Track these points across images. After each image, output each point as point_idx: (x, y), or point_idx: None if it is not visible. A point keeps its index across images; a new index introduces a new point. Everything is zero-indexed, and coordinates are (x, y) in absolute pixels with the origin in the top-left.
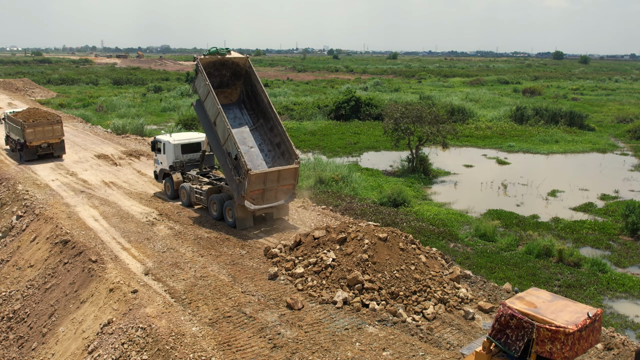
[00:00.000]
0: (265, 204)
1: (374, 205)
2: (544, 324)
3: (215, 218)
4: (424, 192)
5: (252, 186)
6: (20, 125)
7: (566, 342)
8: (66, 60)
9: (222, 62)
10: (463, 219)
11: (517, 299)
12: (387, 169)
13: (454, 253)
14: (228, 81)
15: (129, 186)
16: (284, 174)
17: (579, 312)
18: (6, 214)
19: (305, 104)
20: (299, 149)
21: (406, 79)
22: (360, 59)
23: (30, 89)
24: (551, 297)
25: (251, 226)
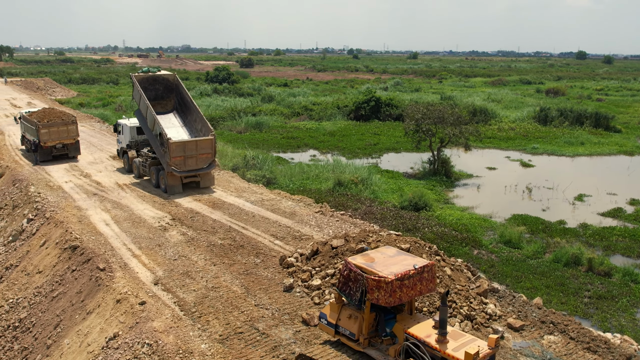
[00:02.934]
0: (188, 169)
1: (395, 209)
2: (371, 275)
3: (155, 186)
4: (445, 196)
5: (174, 153)
6: (34, 125)
7: (387, 289)
8: (88, 59)
9: (154, 78)
10: (487, 224)
11: (361, 255)
12: (408, 171)
13: (478, 260)
14: (162, 94)
15: (142, 188)
16: (201, 144)
17: (409, 265)
18: (17, 216)
19: (325, 104)
20: (317, 149)
21: (427, 79)
22: (380, 59)
23: (51, 88)
24: (395, 253)
25: (180, 192)
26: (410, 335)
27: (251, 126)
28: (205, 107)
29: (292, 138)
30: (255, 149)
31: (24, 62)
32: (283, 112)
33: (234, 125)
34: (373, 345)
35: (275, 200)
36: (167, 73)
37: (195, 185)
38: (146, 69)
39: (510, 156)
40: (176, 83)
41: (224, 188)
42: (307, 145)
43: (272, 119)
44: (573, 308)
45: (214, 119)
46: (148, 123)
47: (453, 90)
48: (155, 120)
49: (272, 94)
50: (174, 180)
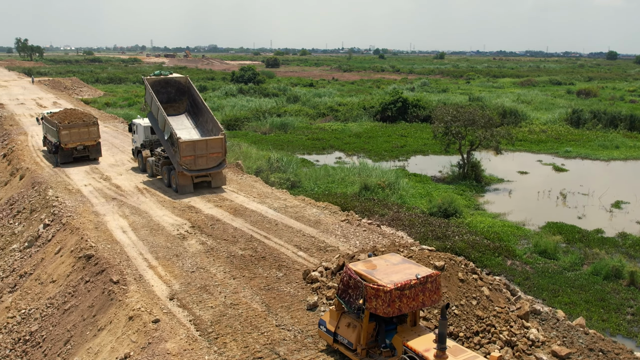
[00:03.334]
0: (198, 168)
1: (423, 216)
2: (370, 283)
3: (167, 185)
4: (476, 201)
5: (184, 152)
6: (55, 126)
7: (385, 299)
8: (116, 59)
9: (166, 81)
10: (520, 232)
11: (363, 262)
12: (436, 174)
13: (512, 272)
14: (175, 97)
15: (162, 193)
16: (211, 143)
17: (412, 275)
18: (35, 221)
19: (351, 105)
20: (342, 151)
21: (454, 79)
22: (407, 59)
23: (78, 88)
24: (399, 261)
25: (191, 192)
26: (409, 349)
27: (276, 127)
28: (230, 108)
29: (318, 139)
30: (280, 151)
31: (53, 61)
32: (308, 112)
33: (258, 126)
34: (371, 357)
35: (299, 207)
36: (179, 76)
37: (207, 185)
38: (158, 72)
39: (542, 160)
40: (188, 86)
41: (246, 193)
42: (333, 147)
43: (297, 120)
44: (615, 326)
45: (238, 119)
46: (159, 124)
47: (481, 91)
48: (166, 120)
49: (298, 94)
50: (185, 180)
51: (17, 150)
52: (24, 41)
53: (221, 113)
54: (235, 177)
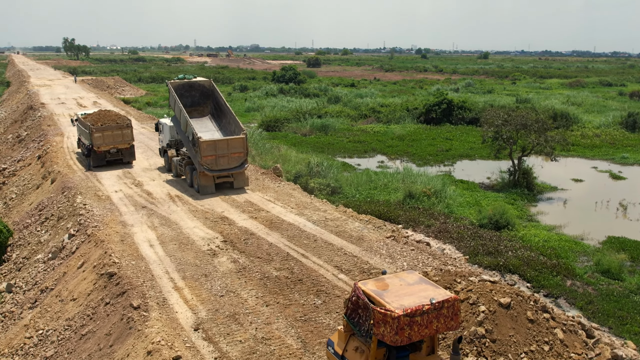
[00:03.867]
0: (219, 168)
1: (472, 227)
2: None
3: (189, 185)
4: (528, 212)
5: (205, 152)
6: (88, 128)
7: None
8: (159, 58)
9: (190, 85)
10: (579, 247)
11: (375, 280)
12: (485, 181)
13: (573, 294)
14: (199, 100)
15: (195, 201)
16: (232, 143)
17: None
18: (61, 229)
19: (394, 106)
20: (385, 155)
21: (499, 79)
22: (450, 59)
23: (120, 87)
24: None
25: (213, 192)
26: None
27: (316, 128)
28: (270, 108)
29: (359, 142)
30: (320, 154)
31: (98, 61)
32: (350, 114)
33: (298, 127)
34: None
35: (340, 220)
36: (203, 79)
37: (229, 186)
38: (182, 75)
39: (597, 166)
40: (212, 89)
41: (284, 203)
42: (375, 150)
43: (338, 121)
44: None
45: (278, 120)
46: (182, 125)
47: (528, 92)
48: (188, 121)
49: (339, 95)
50: (207, 180)
51: (51, 152)
52: (71, 41)
53: (261, 114)
54: (273, 185)
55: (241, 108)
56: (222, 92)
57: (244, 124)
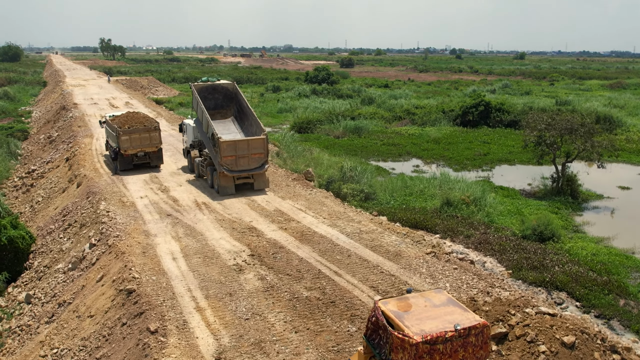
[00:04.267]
0: (240, 169)
1: (515, 239)
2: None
3: (210, 186)
4: (573, 222)
5: (225, 152)
6: (115, 131)
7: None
8: (194, 59)
9: (213, 87)
10: (630, 262)
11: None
12: (525, 187)
13: (627, 315)
14: (222, 103)
15: (222, 209)
16: (252, 143)
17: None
18: (83, 238)
19: (429, 108)
20: (420, 158)
21: (536, 80)
22: (485, 59)
23: (154, 87)
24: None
25: (233, 193)
26: None
27: (349, 130)
28: (303, 109)
29: (393, 145)
30: (353, 157)
31: (134, 61)
32: (384, 115)
33: (331, 129)
34: None
35: (376, 232)
36: (226, 82)
37: (250, 187)
38: (205, 78)
39: None
40: (235, 91)
41: (315, 213)
42: (410, 154)
43: (371, 123)
44: None
45: (310, 122)
46: (203, 126)
47: (568, 93)
48: (209, 122)
49: (373, 96)
50: (227, 181)
51: (79, 154)
52: (107, 41)
53: (293, 115)
54: (304, 192)
55: (273, 109)
56: (254, 92)
57: (276, 126)
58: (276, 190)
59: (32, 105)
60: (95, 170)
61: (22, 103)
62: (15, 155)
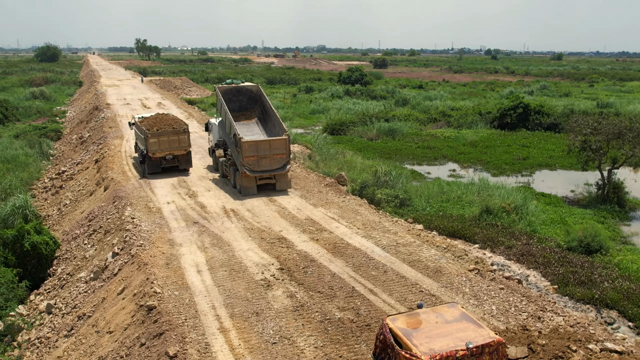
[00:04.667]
0: (261, 169)
1: (560, 251)
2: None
3: (233, 186)
4: (621, 233)
5: (246, 152)
6: (143, 133)
7: None
8: (227, 59)
9: (237, 89)
10: None
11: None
12: (568, 194)
13: None
14: (246, 105)
15: (252, 217)
16: (274, 144)
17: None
18: (106, 245)
19: (465, 110)
20: (456, 162)
21: (575, 82)
22: (521, 60)
23: (187, 88)
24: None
25: (255, 194)
26: None
27: (383, 133)
28: (336, 110)
29: (429, 148)
30: (387, 160)
31: (169, 61)
32: (418, 117)
33: (364, 131)
34: None
35: (413, 245)
36: (251, 84)
37: (272, 188)
38: (230, 80)
39: None
40: (259, 93)
41: (349, 222)
42: (446, 157)
43: (406, 125)
44: None
45: (343, 123)
46: (226, 127)
47: (609, 95)
48: (232, 123)
49: (407, 97)
50: (249, 182)
51: (108, 156)
52: (143, 41)
53: (326, 116)
54: (337, 199)
55: (306, 110)
56: (287, 93)
57: (308, 127)
58: (308, 197)
59: (67, 105)
60: (123, 173)
61: (57, 103)
62: (47, 156)
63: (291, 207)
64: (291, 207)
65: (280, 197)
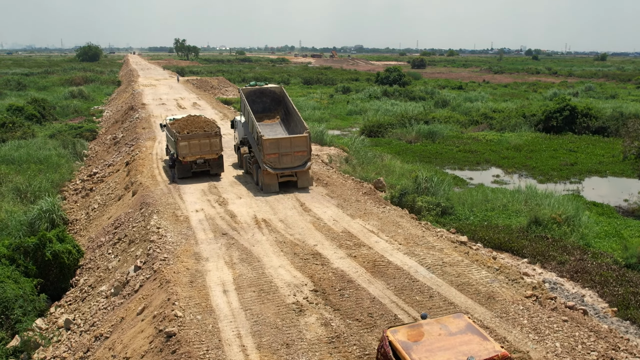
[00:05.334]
0: (283, 166)
1: (618, 268)
2: None
3: (255, 183)
4: None
5: (267, 150)
6: (174, 136)
7: None
8: (265, 59)
9: (261, 91)
10: None
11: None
12: (621, 204)
13: None
14: (270, 106)
15: (284, 229)
16: (295, 141)
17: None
18: (130, 257)
19: (508, 112)
20: (500, 167)
21: (621, 83)
22: (563, 60)
23: (224, 88)
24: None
25: (276, 191)
26: None
27: (423, 135)
28: (374, 112)
29: (470, 152)
30: (427, 164)
31: (207, 61)
32: (459, 119)
33: (403, 133)
34: None
35: (461, 265)
36: (274, 86)
37: (293, 186)
38: (254, 82)
39: None
40: (282, 95)
41: (389, 236)
42: (489, 162)
43: (446, 128)
44: None
45: (381, 125)
46: (249, 126)
47: None
48: (254, 122)
49: (447, 98)
50: (270, 179)
51: (139, 159)
52: (182, 41)
53: (363, 118)
54: (377, 210)
55: (343, 111)
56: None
57: (345, 129)
58: (345, 206)
59: (104, 105)
60: (152, 177)
61: (95, 102)
62: (80, 156)
63: (327, 218)
64: (327, 218)
65: (316, 206)
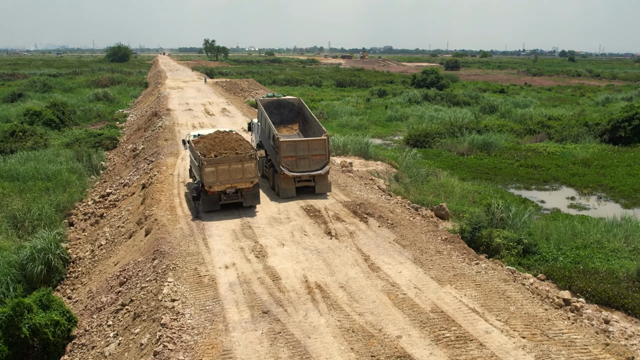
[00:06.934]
0: (300, 170)
1: None
2: None
3: (271, 187)
4: None
5: (284, 152)
6: (198, 160)
7: None
8: (294, 60)
9: (279, 102)
10: None
11: None
12: None
13: None
14: (287, 118)
15: (349, 302)
16: (313, 144)
17: None
18: (132, 343)
19: (566, 120)
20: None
21: None
22: (600, 62)
23: (254, 90)
24: None
25: (293, 196)
26: None
27: (476, 146)
28: (417, 118)
29: (533, 167)
30: (486, 181)
31: (236, 62)
32: (513, 128)
33: (453, 143)
34: None
35: None
36: (292, 97)
37: (311, 191)
38: (271, 94)
39: None
40: (300, 106)
41: (502, 321)
42: (557, 180)
43: (501, 138)
44: None
45: (428, 134)
46: (265, 133)
47: None
48: (270, 126)
49: (494, 104)
50: (287, 183)
51: (157, 182)
52: (211, 42)
53: (407, 125)
54: (468, 268)
55: (382, 117)
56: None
57: (386, 137)
58: (424, 262)
59: (129, 108)
60: (171, 210)
61: (120, 105)
62: (97, 170)
63: (405, 284)
64: (405, 284)
65: (385, 262)
